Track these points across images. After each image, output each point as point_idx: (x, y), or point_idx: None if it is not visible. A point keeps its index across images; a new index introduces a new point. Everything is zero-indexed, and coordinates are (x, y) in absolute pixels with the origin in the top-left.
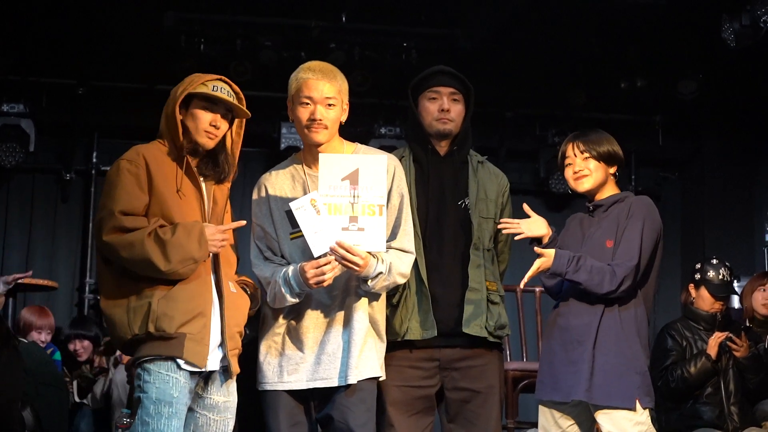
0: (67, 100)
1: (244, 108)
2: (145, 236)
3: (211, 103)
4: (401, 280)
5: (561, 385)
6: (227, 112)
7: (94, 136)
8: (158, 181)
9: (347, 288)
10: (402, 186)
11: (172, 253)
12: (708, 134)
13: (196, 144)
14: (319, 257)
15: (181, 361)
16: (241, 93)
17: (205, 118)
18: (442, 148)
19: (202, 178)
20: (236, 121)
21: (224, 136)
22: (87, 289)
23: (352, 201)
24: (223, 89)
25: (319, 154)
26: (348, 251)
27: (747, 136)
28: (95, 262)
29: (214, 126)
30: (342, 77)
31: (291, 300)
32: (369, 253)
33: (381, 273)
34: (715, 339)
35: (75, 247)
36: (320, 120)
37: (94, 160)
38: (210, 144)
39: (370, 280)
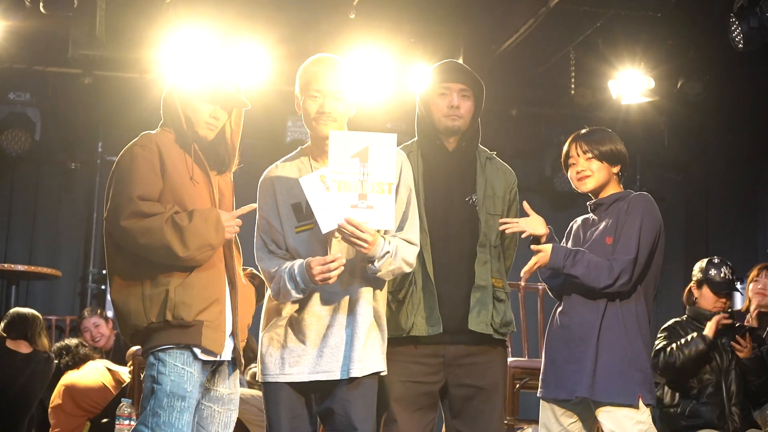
0: (74, 89)
1: (243, 98)
2: (164, 222)
3: (210, 94)
4: (407, 269)
5: (564, 383)
6: (226, 102)
7: (99, 126)
8: (170, 168)
9: (352, 281)
10: (409, 180)
11: (189, 240)
12: (713, 136)
13: (197, 135)
14: (327, 233)
15: (197, 350)
16: (238, 82)
17: (204, 109)
18: (451, 143)
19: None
20: (235, 110)
21: (223, 126)
22: (90, 278)
23: (361, 178)
24: (222, 80)
25: (330, 131)
26: (357, 228)
27: (752, 139)
28: (100, 252)
29: (214, 117)
30: (351, 71)
31: (296, 295)
32: (377, 231)
33: (388, 253)
34: (715, 320)
35: (79, 236)
36: (329, 113)
37: (99, 150)
38: (210, 135)
39: (376, 261)
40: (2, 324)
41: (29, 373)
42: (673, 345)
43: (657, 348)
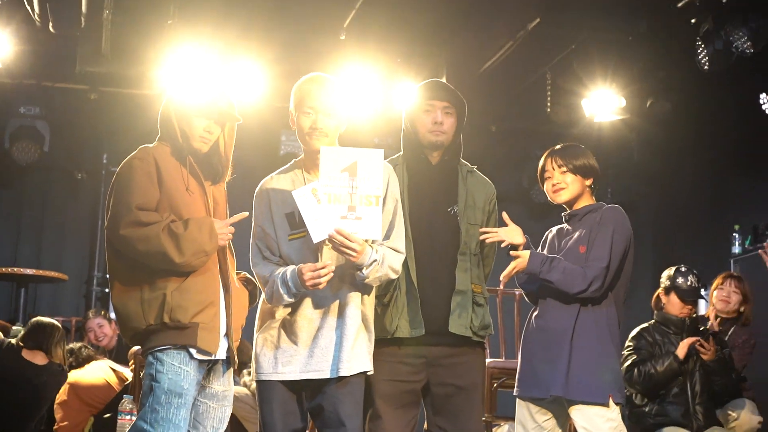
0: (80, 104)
1: (235, 113)
2: (160, 230)
3: (204, 110)
4: (393, 275)
5: (540, 382)
6: (219, 117)
7: (104, 139)
8: (167, 179)
9: (341, 287)
10: (395, 192)
11: (185, 247)
12: (680, 152)
13: (192, 147)
14: (318, 243)
15: (193, 350)
16: (231, 98)
17: (199, 124)
18: (434, 157)
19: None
20: (228, 124)
21: (217, 139)
22: (95, 282)
23: (350, 191)
24: (215, 96)
25: (321, 147)
26: (346, 238)
27: (716, 154)
28: (104, 257)
29: (208, 131)
30: (342, 89)
31: (288, 299)
32: (365, 241)
33: (375, 261)
34: (687, 342)
35: (84, 242)
36: (321, 128)
37: (104, 161)
38: (204, 148)
39: (365, 268)
40: (23, 332)
41: (41, 384)
42: (646, 368)
43: (628, 363)
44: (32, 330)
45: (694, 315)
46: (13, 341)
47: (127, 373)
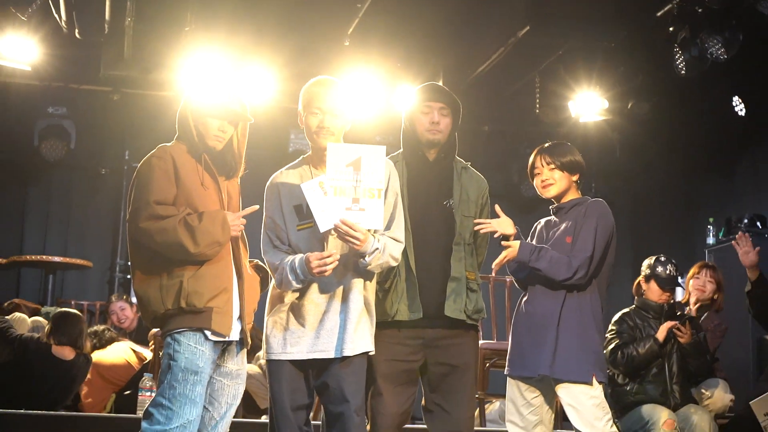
0: (104, 104)
1: (247, 114)
2: (177, 223)
3: (218, 111)
4: (393, 263)
5: (528, 363)
6: (232, 118)
7: (126, 137)
8: (183, 175)
9: (345, 273)
10: (396, 186)
11: (200, 238)
12: (658, 150)
13: (207, 146)
14: (325, 233)
15: (208, 332)
16: (244, 99)
17: (213, 124)
18: (432, 154)
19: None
20: (240, 124)
21: (231, 138)
22: (117, 268)
23: (354, 185)
24: (228, 98)
25: (328, 144)
26: (351, 228)
27: (690, 153)
28: (126, 246)
29: (221, 131)
30: (347, 91)
31: (296, 285)
32: (368, 230)
33: (377, 249)
34: (666, 326)
35: (107, 232)
36: (328, 127)
37: (126, 157)
38: (218, 146)
39: (367, 256)
40: (48, 326)
41: (71, 378)
42: (629, 350)
43: (612, 347)
44: (59, 324)
45: (672, 301)
46: (43, 336)
47: (146, 353)
